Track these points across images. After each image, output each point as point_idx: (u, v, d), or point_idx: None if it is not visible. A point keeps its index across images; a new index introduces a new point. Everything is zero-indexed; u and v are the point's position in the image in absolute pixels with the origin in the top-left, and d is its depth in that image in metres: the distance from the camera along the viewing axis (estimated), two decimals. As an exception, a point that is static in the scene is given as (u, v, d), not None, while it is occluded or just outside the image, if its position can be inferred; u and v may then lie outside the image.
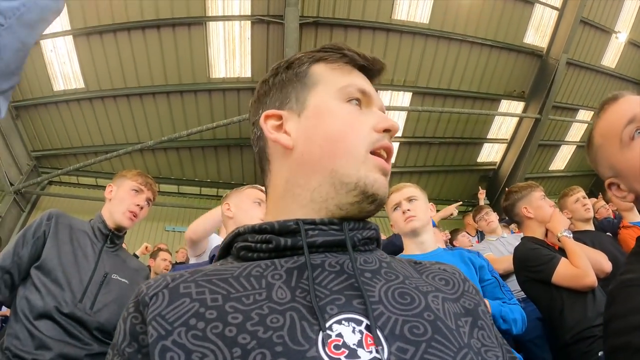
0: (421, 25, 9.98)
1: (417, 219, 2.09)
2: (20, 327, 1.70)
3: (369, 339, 0.52)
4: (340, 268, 0.60)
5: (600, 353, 1.95)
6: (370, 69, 0.75)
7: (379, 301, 0.56)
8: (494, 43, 10.60)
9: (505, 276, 3.21)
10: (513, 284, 3.05)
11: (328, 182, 0.65)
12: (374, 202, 0.65)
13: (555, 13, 10.79)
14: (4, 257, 1.79)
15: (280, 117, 0.70)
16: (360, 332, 0.52)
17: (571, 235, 2.33)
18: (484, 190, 7.89)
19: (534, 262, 2.25)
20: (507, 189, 2.72)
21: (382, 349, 0.51)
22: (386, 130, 0.69)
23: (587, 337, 2.04)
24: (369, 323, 0.53)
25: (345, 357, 0.50)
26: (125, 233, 2.11)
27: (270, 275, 0.59)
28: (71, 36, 9.11)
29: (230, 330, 0.51)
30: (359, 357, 0.50)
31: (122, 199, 2.04)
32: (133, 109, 9.90)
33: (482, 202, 6.52)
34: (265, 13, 8.96)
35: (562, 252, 2.28)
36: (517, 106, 11.92)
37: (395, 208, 2.16)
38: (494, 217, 4.10)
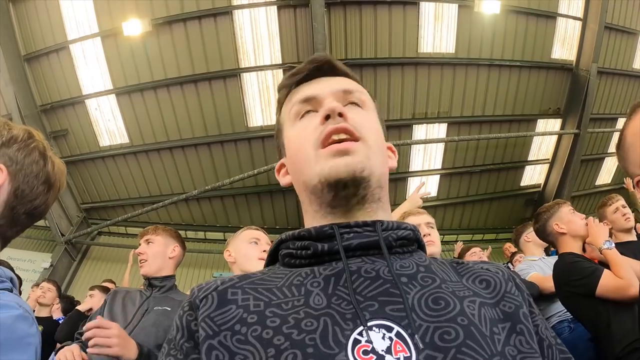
0: (448, 55, 10.04)
1: (436, 245, 2.22)
2: None
3: (398, 345, 0.53)
4: (376, 274, 0.61)
5: None
6: (319, 70, 0.78)
7: (412, 308, 0.57)
8: (522, 63, 10.51)
9: (553, 296, 3.06)
10: (559, 305, 2.92)
11: (308, 195, 0.70)
12: (346, 187, 0.65)
13: (578, 23, 10.65)
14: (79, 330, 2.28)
15: (284, 164, 0.80)
16: (390, 338, 0.54)
17: (613, 245, 2.25)
18: None
19: (576, 275, 2.19)
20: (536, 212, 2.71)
21: (410, 357, 0.52)
22: (328, 117, 0.69)
23: (638, 348, 1.95)
24: (399, 330, 0.54)
25: None
26: (168, 277, 2.37)
27: (309, 283, 0.62)
28: (114, 95, 9.76)
29: (267, 333, 0.55)
30: None
31: None
32: (176, 161, 10.30)
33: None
34: (295, 60, 9.26)
35: (602, 265, 2.22)
36: (555, 124, 11.62)
37: None
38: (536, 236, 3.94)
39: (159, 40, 9.09)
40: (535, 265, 3.47)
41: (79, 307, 4.08)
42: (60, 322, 4.16)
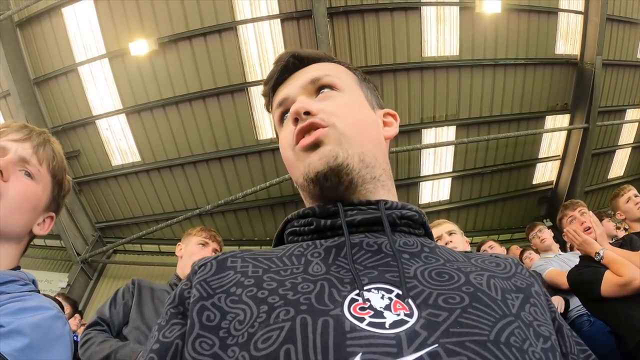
0: (452, 58, 10.06)
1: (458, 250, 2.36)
2: None
3: (398, 304, 0.51)
4: (377, 248, 0.61)
5: None
6: (287, 69, 0.78)
7: (414, 277, 0.56)
8: (526, 61, 10.49)
9: (571, 291, 3.11)
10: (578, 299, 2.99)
11: (302, 192, 0.73)
12: (327, 178, 0.64)
13: (580, 17, 10.61)
14: (102, 311, 2.10)
15: None
16: (389, 298, 0.52)
17: (606, 249, 2.35)
18: None
19: (582, 287, 2.37)
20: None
21: (412, 313, 0.50)
22: (296, 119, 0.70)
23: None
24: (400, 292, 0.53)
25: (370, 316, 0.50)
26: None
27: (309, 254, 0.61)
28: (124, 114, 9.87)
29: (262, 293, 0.54)
30: (385, 318, 0.49)
31: (190, 255, 2.27)
32: (189, 177, 10.37)
33: None
34: (301, 71, 9.18)
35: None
36: (563, 119, 11.54)
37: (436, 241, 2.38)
38: (547, 234, 4.03)
39: (166, 59, 9.21)
40: (553, 262, 3.51)
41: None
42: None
